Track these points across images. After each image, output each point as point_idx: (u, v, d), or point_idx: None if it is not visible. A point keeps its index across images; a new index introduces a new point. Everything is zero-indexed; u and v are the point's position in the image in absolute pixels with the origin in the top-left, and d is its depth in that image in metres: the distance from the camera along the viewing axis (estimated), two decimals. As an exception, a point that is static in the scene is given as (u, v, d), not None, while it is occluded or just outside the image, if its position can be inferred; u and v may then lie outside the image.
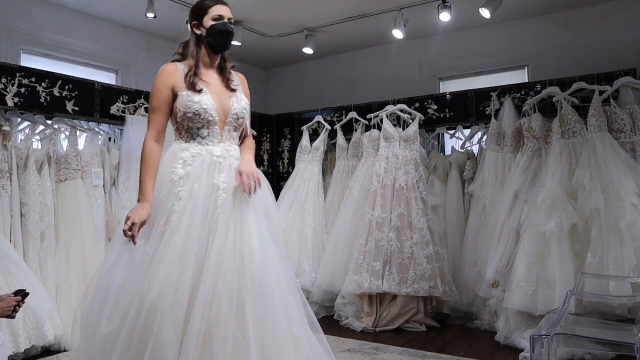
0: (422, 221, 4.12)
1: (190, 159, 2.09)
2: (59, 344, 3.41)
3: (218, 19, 2.18)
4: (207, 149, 2.12)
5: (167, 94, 2.13)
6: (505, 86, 4.39)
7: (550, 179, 3.54)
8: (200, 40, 2.21)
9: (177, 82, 2.13)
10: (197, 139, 2.13)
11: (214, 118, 2.12)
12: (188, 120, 2.12)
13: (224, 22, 2.19)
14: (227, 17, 2.20)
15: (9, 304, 2.14)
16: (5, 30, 4.33)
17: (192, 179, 2.06)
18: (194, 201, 2.02)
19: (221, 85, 2.22)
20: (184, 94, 2.12)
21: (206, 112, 2.10)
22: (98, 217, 3.88)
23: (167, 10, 4.72)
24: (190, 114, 2.10)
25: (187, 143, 2.14)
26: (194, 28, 2.21)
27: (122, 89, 4.36)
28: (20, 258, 3.35)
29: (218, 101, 2.16)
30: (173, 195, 2.04)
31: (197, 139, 2.13)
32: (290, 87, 6.58)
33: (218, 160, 2.11)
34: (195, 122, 2.11)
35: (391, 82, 5.71)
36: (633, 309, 3.02)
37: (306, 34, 5.37)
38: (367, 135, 4.67)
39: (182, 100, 2.11)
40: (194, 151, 2.11)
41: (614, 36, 4.63)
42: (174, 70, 2.16)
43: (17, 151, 3.56)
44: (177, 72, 2.15)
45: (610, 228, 3.21)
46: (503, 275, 3.59)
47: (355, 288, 4.02)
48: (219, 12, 2.18)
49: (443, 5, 4.51)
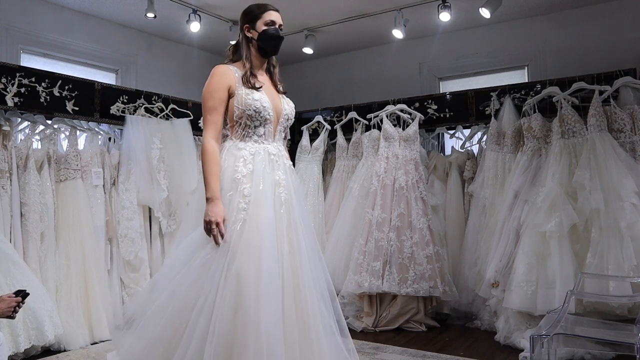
0: (422, 221, 4.12)
1: (250, 157, 2.13)
2: (59, 344, 3.42)
3: (270, 24, 2.25)
4: (263, 147, 2.18)
5: (223, 94, 2.16)
6: (505, 86, 4.39)
7: (550, 179, 3.54)
8: (251, 43, 2.27)
9: (233, 81, 2.17)
10: (253, 137, 2.17)
11: (270, 117, 2.19)
12: (247, 118, 2.15)
13: (275, 27, 2.27)
14: (278, 23, 2.28)
15: (9, 304, 2.14)
16: (5, 30, 4.33)
17: (256, 176, 2.10)
18: (260, 197, 2.06)
19: (272, 87, 2.31)
20: (242, 93, 2.15)
21: (265, 110, 2.17)
22: (98, 217, 3.88)
23: (167, 10, 4.72)
24: (251, 111, 2.14)
25: (243, 142, 2.16)
26: (246, 31, 2.27)
27: (122, 89, 4.35)
28: (20, 258, 3.35)
29: (272, 102, 2.23)
30: (239, 193, 2.06)
31: (253, 137, 2.17)
32: (290, 87, 6.47)
33: (274, 159, 2.18)
34: (255, 120, 2.16)
35: (391, 82, 5.71)
36: (633, 309, 3.02)
37: (306, 34, 5.37)
38: (367, 135, 4.67)
39: (241, 99, 2.15)
40: (252, 149, 2.15)
41: (614, 36, 4.62)
42: (228, 71, 2.20)
43: (17, 151, 3.56)
44: (231, 72, 2.19)
45: (610, 228, 3.21)
46: (503, 275, 3.59)
47: (355, 288, 4.02)
48: (272, 18, 2.26)
49: (443, 5, 4.51)
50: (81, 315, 3.59)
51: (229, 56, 2.31)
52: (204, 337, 1.86)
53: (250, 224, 2.01)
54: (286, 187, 2.17)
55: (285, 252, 2.07)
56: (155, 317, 1.98)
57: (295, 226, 2.14)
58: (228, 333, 1.87)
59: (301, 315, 2.03)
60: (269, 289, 1.93)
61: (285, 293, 2.01)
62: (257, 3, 2.31)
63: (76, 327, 3.51)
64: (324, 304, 2.12)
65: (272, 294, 1.94)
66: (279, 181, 2.13)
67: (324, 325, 2.09)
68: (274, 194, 2.11)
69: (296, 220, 2.15)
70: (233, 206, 2.04)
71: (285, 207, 2.13)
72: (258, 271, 1.94)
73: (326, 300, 2.14)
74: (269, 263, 1.97)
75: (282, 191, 2.14)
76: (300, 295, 2.04)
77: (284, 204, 2.13)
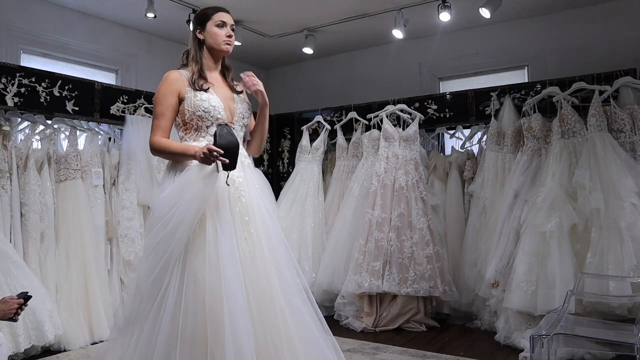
0: (422, 221, 4.12)
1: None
2: (59, 344, 3.42)
3: (222, 25, 2.26)
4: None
5: (171, 100, 2.18)
6: (505, 86, 4.39)
7: (550, 179, 3.54)
8: (203, 45, 2.28)
9: (182, 86, 2.20)
10: (206, 137, 2.18)
11: (222, 116, 2.19)
12: (197, 119, 2.17)
13: (227, 28, 2.27)
14: (230, 24, 2.28)
15: (11, 306, 2.13)
16: (5, 30, 4.33)
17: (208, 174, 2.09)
18: (215, 194, 2.06)
19: (225, 87, 2.30)
20: (191, 95, 2.18)
21: (215, 110, 2.17)
22: (98, 217, 3.88)
23: (167, 10, 4.72)
24: (200, 112, 2.16)
25: (197, 142, 2.18)
26: (197, 33, 2.29)
27: (122, 89, 4.35)
28: (20, 258, 3.35)
29: (224, 102, 2.23)
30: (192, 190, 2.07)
31: (206, 137, 2.18)
32: (290, 87, 6.58)
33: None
34: (205, 120, 2.17)
35: (391, 82, 5.71)
36: (633, 309, 3.02)
37: (306, 34, 5.37)
38: (367, 135, 4.67)
39: (190, 101, 2.17)
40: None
41: (614, 36, 4.62)
42: (178, 77, 2.21)
43: (17, 151, 3.56)
44: (182, 78, 2.21)
45: (610, 228, 3.21)
46: (503, 275, 3.59)
47: (355, 288, 4.02)
48: (223, 19, 2.27)
49: (443, 5, 4.51)
50: (81, 315, 3.59)
51: (183, 61, 2.33)
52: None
53: (206, 223, 2.03)
54: (243, 184, 2.15)
55: (241, 247, 2.06)
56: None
57: (255, 223, 2.12)
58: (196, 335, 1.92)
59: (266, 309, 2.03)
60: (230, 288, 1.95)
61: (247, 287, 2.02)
62: (210, 6, 2.32)
63: (76, 327, 3.51)
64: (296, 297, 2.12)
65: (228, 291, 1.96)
66: (233, 179, 2.11)
67: (297, 320, 2.09)
68: (229, 192, 2.09)
69: (255, 217, 2.13)
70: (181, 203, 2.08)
71: (240, 204, 2.12)
72: (217, 273, 1.96)
73: (292, 292, 2.14)
74: (225, 262, 1.98)
75: (238, 188, 2.13)
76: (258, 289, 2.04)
77: (238, 202, 2.12)
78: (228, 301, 1.92)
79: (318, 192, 4.91)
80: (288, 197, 4.90)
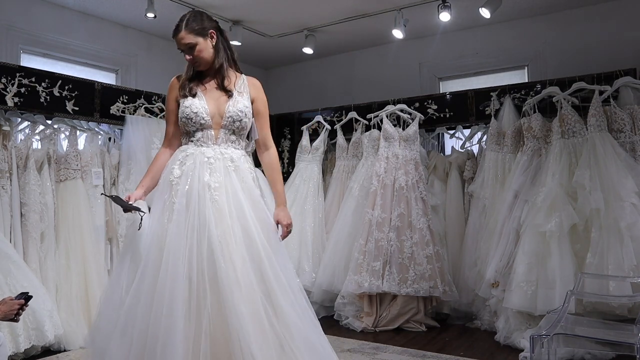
0: (422, 221, 4.12)
1: (185, 159, 2.22)
2: (59, 344, 3.42)
3: (182, 51, 2.30)
4: (200, 150, 2.23)
5: (172, 105, 2.33)
6: (505, 86, 4.39)
7: (550, 179, 3.54)
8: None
9: (177, 93, 2.31)
10: (193, 141, 2.26)
11: (206, 121, 2.23)
12: (184, 125, 2.27)
13: (185, 54, 2.29)
14: (185, 46, 2.27)
15: (11, 307, 2.12)
16: (5, 30, 4.33)
17: (184, 178, 2.17)
18: (188, 198, 2.12)
19: (218, 90, 2.30)
20: (181, 101, 2.28)
21: (197, 116, 2.23)
22: (98, 217, 3.88)
23: (167, 10, 4.71)
24: (184, 118, 2.25)
25: (186, 145, 2.28)
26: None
27: (122, 89, 4.35)
28: (20, 258, 3.35)
29: (214, 105, 2.26)
30: (174, 194, 2.16)
31: (193, 141, 2.26)
32: (290, 87, 6.58)
33: (209, 161, 2.20)
34: (190, 125, 2.25)
35: (391, 82, 5.71)
36: (633, 309, 3.02)
37: (306, 34, 5.37)
38: (367, 135, 4.67)
39: (180, 107, 2.28)
40: (189, 152, 2.23)
41: (614, 36, 4.63)
42: (175, 83, 2.35)
43: (17, 151, 3.56)
44: (178, 84, 2.33)
45: (610, 228, 3.21)
46: (503, 275, 3.59)
47: (355, 288, 4.02)
48: (178, 46, 2.30)
49: (443, 5, 4.51)
50: (81, 315, 3.59)
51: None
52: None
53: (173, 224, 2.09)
54: (217, 189, 2.14)
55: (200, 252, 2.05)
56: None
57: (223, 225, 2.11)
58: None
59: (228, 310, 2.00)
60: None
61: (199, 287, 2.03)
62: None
63: (76, 327, 3.51)
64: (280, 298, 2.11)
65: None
66: (208, 183, 2.13)
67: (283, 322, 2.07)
68: (203, 197, 2.11)
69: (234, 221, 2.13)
70: (167, 206, 2.14)
71: (215, 207, 2.11)
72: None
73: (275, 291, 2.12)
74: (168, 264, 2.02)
75: (212, 193, 2.13)
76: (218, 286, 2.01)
77: (210, 208, 2.11)
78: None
79: (318, 192, 4.91)
80: (288, 197, 4.85)
